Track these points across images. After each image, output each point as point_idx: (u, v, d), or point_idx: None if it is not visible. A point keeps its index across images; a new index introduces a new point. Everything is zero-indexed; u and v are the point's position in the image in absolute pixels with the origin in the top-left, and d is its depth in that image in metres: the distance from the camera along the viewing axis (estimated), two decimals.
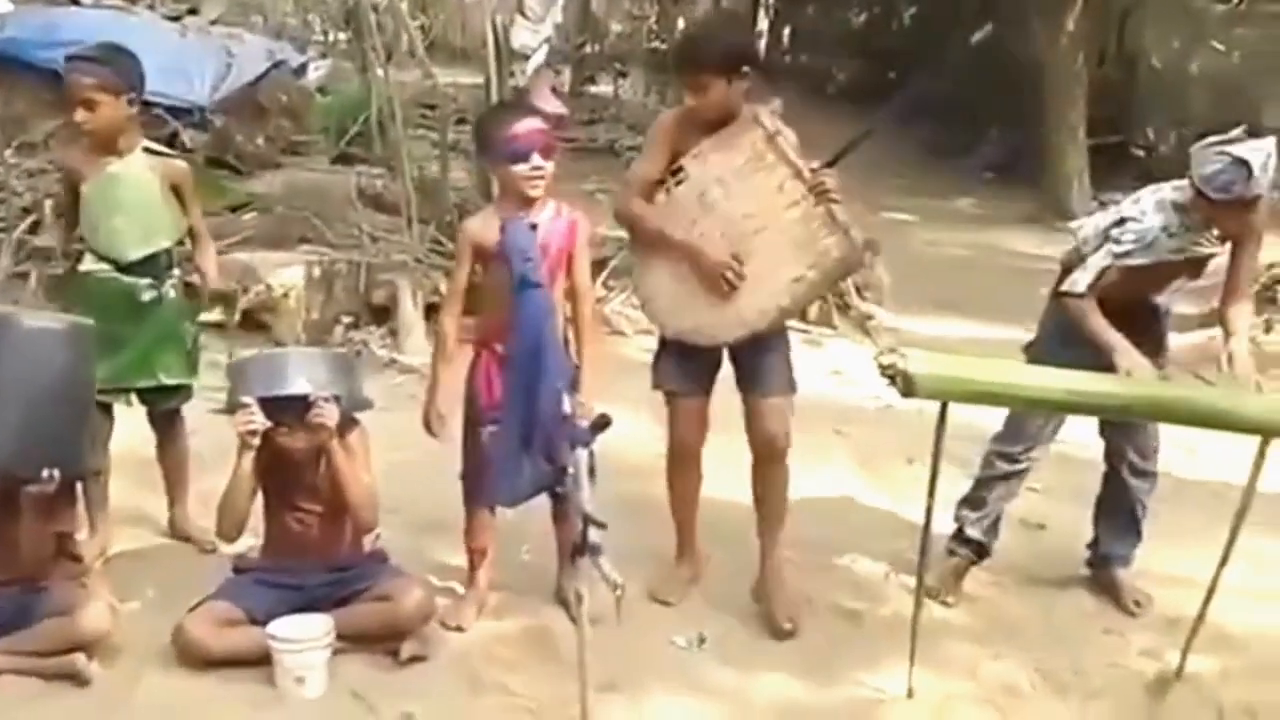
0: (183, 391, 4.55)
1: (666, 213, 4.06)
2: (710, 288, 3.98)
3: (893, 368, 3.38)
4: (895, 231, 10.39)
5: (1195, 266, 4.17)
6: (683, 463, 4.31)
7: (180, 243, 4.51)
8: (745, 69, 3.98)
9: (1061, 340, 4.11)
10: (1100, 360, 3.83)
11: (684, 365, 4.19)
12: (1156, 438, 4.37)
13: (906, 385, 3.36)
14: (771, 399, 4.15)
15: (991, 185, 12.94)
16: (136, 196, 4.35)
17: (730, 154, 4.00)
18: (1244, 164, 3.78)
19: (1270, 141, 3.84)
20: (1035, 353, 4.29)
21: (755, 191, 3.96)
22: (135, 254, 4.35)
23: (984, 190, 12.80)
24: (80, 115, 4.24)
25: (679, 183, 4.05)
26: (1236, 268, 4.12)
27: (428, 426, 4.11)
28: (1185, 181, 3.99)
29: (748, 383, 4.19)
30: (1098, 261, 4.05)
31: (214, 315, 6.68)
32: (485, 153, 4.18)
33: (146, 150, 4.41)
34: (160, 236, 4.39)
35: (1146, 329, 4.15)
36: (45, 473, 3.59)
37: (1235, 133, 3.84)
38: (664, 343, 4.25)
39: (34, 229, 7.48)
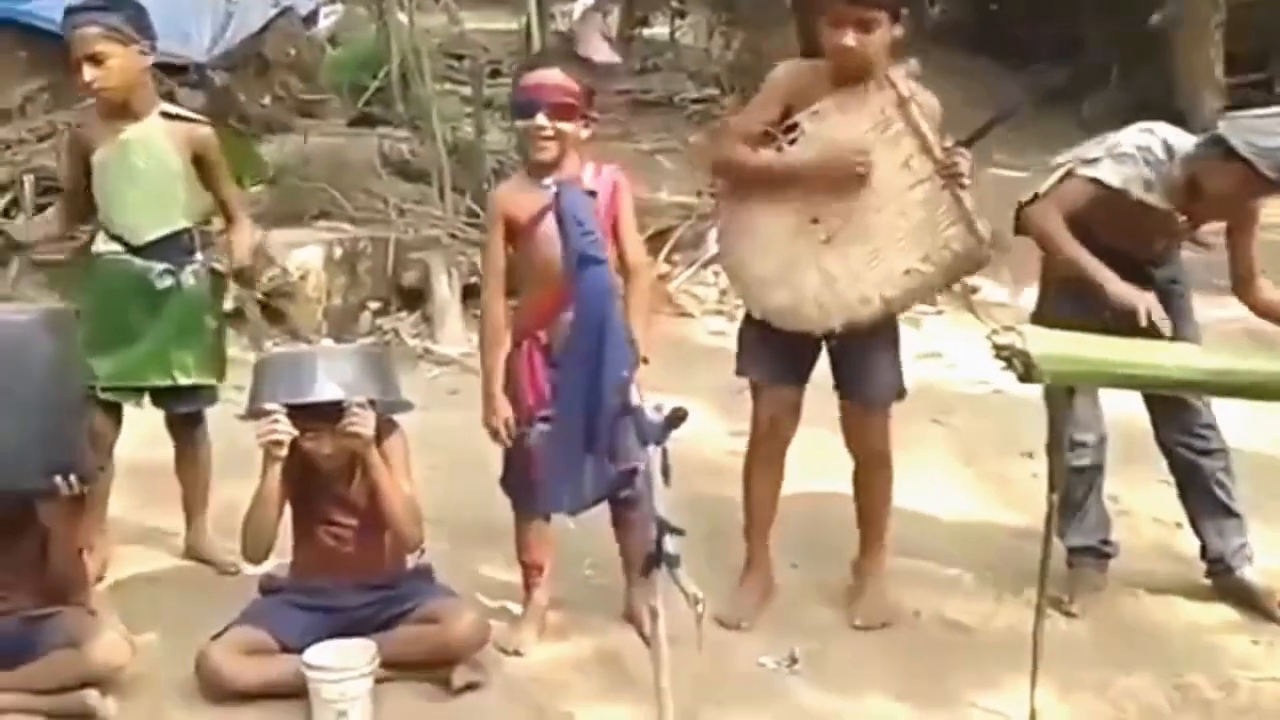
0: (204, 394, 4.61)
1: None
2: (842, 198, 4.00)
3: (1009, 349, 3.40)
4: (1004, 190, 10.34)
5: (1167, 229, 4.25)
6: (765, 461, 4.37)
7: (206, 223, 4.58)
8: (905, 12, 4.02)
9: (1069, 296, 4.18)
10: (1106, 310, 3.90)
11: (773, 349, 4.23)
12: (1208, 411, 4.42)
13: (1026, 369, 3.39)
14: (874, 413, 4.26)
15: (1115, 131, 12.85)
16: (152, 167, 4.39)
17: (855, 116, 4.03)
18: None
19: None
20: (1043, 314, 4.36)
21: (877, 164, 3.99)
22: (150, 234, 4.41)
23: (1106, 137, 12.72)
24: (89, 73, 4.26)
25: (792, 141, 4.08)
26: (1247, 248, 4.28)
27: (490, 429, 4.15)
28: (1195, 139, 4.11)
29: (847, 386, 4.27)
30: (1060, 173, 4.20)
31: (228, 304, 6.85)
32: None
33: (165, 115, 4.46)
34: (178, 215, 4.45)
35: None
36: (57, 479, 3.71)
37: None
38: (749, 322, 4.30)
39: (9, 211, 7.59)
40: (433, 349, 6.98)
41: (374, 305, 7.25)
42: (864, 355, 4.21)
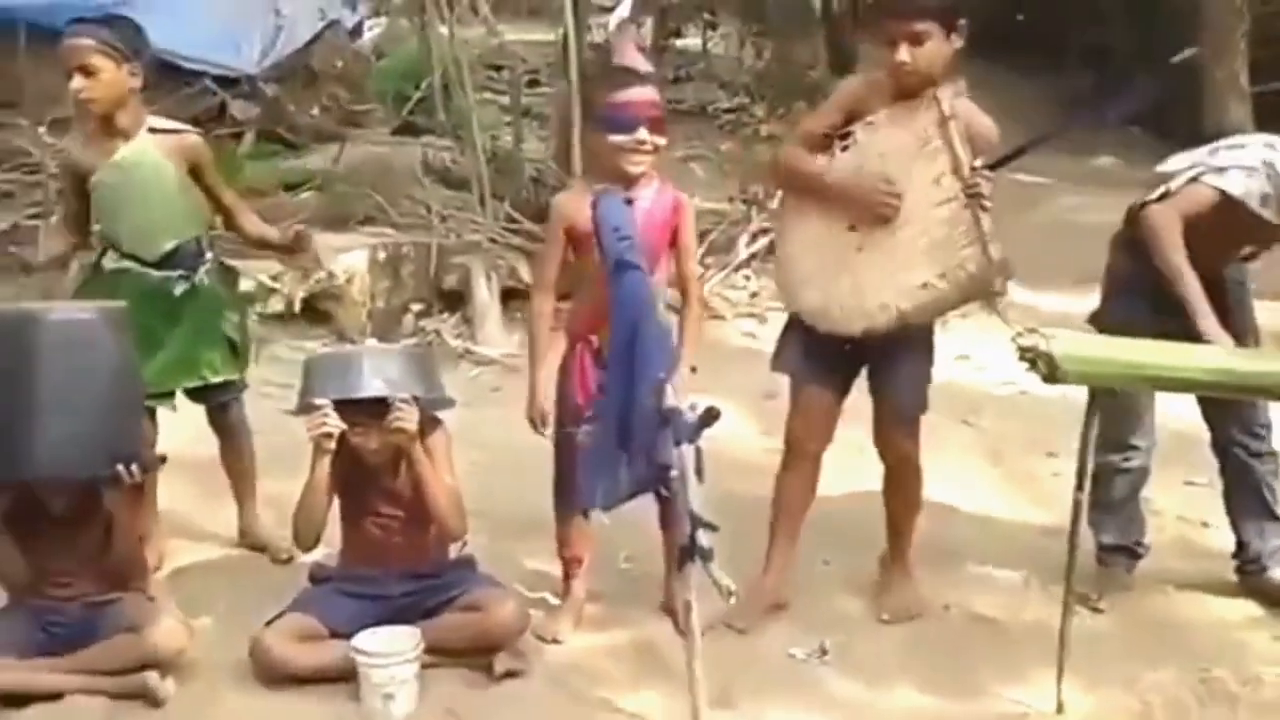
0: (234, 385, 4.70)
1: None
2: (865, 223, 4.07)
3: (1033, 350, 3.45)
4: (1029, 196, 10.38)
5: (1264, 241, 4.27)
6: (798, 463, 4.39)
7: (212, 228, 4.66)
8: (961, 24, 4.07)
9: (1129, 303, 4.21)
10: (1170, 317, 3.91)
11: (812, 350, 4.27)
12: (1266, 413, 4.43)
13: (1050, 369, 3.43)
14: (903, 419, 4.30)
15: (1139, 140, 12.82)
16: (154, 186, 4.46)
17: (902, 131, 4.08)
18: None
19: None
20: (1103, 320, 4.38)
21: (912, 179, 4.05)
22: (165, 247, 4.49)
23: (1130, 146, 12.69)
24: (77, 83, 4.30)
25: (845, 148, 4.15)
26: None
27: (533, 424, 4.23)
28: None
29: (879, 391, 4.31)
30: (1186, 174, 4.17)
31: (275, 306, 6.96)
32: (588, 118, 4.31)
33: (152, 130, 4.49)
34: (187, 225, 4.53)
35: (1217, 302, 4.14)
36: (120, 468, 3.79)
37: None
38: (791, 321, 4.36)
39: None
40: (473, 349, 7.06)
41: (417, 307, 7.32)
42: (896, 365, 4.25)
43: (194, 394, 4.65)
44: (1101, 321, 4.41)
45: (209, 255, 4.62)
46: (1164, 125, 12.50)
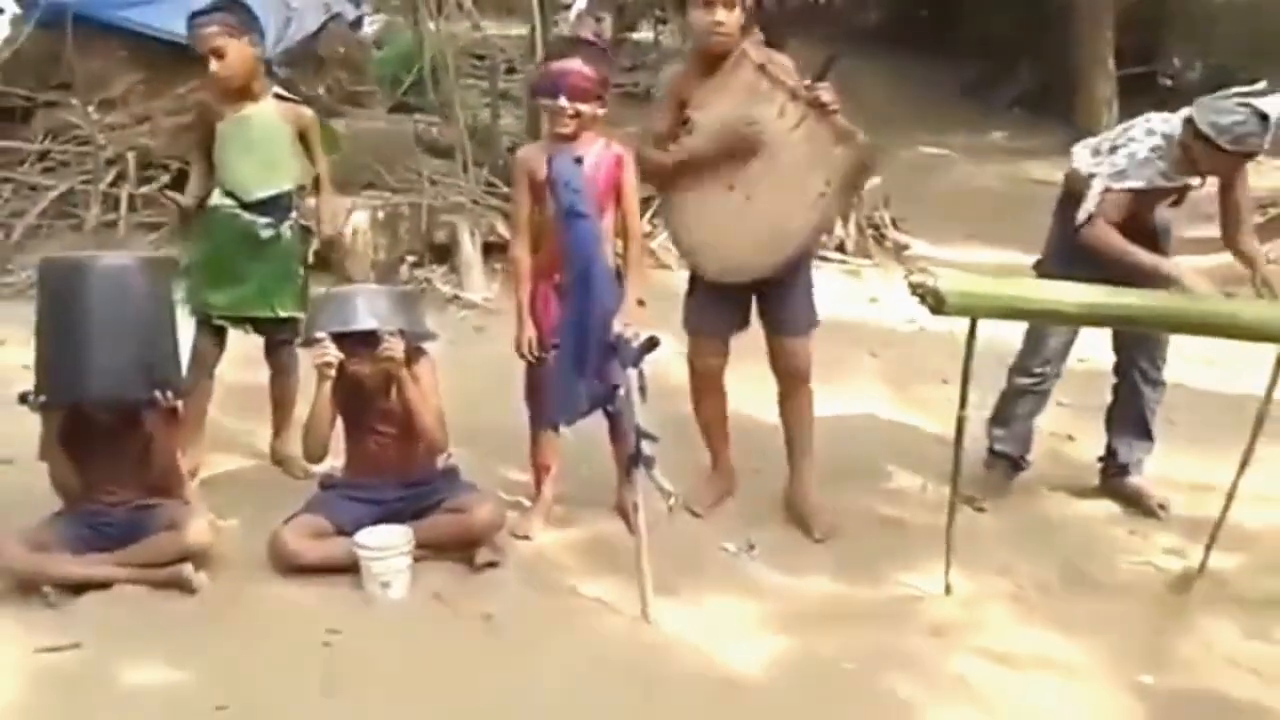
0: (295, 324, 4.65)
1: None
2: (743, 159, 4.03)
3: (922, 286, 3.44)
4: (933, 166, 10.41)
5: (1179, 194, 4.27)
6: (705, 389, 4.43)
7: (302, 189, 4.64)
8: None
9: (1065, 259, 4.21)
10: (1102, 275, 3.87)
11: (712, 307, 4.28)
12: (1166, 346, 4.46)
13: (936, 302, 3.43)
14: (793, 339, 4.28)
15: (1023, 118, 12.88)
16: (265, 139, 4.49)
17: (729, 95, 4.06)
18: (1264, 118, 3.85)
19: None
20: (1043, 270, 4.39)
21: (762, 121, 4.01)
22: (259, 193, 4.50)
23: (1016, 123, 12.76)
24: (214, 65, 4.35)
25: (689, 132, 4.13)
26: (1234, 203, 4.22)
27: (520, 351, 4.22)
28: (1176, 117, 4.08)
29: (772, 323, 4.30)
30: (1097, 187, 4.15)
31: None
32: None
33: (277, 96, 4.55)
34: (283, 179, 4.54)
35: (1160, 249, 4.21)
36: (158, 393, 3.78)
37: (1257, 86, 3.91)
38: (693, 284, 4.34)
39: (117, 181, 7.71)
40: (460, 294, 7.03)
41: (411, 259, 7.28)
42: (784, 296, 4.23)
43: (260, 326, 4.65)
44: (1042, 270, 4.41)
45: (295, 213, 4.62)
46: (1044, 106, 12.58)
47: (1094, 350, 4.69)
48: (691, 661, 3.51)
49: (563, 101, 4.02)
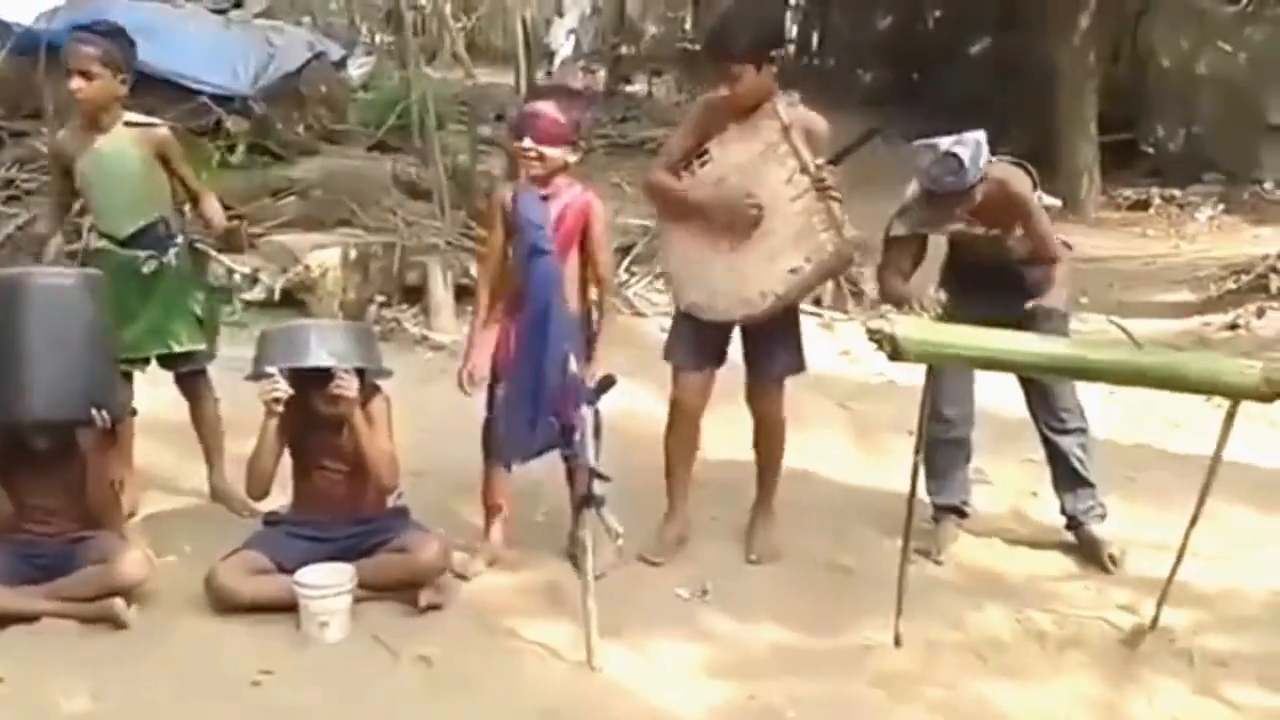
0: (199, 355, 4.59)
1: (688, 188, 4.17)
2: (735, 231, 4.05)
3: (879, 333, 3.41)
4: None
5: (973, 238, 4.26)
6: (681, 424, 4.37)
7: (180, 212, 4.55)
8: (774, 54, 4.04)
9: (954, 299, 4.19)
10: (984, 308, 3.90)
11: (694, 342, 4.28)
12: (1069, 397, 4.43)
13: (893, 348, 3.40)
14: (765, 383, 4.30)
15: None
16: (122, 170, 4.38)
17: (750, 143, 4.07)
18: (954, 157, 3.92)
19: (979, 135, 4.00)
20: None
21: (767, 181, 4.03)
22: (130, 227, 4.40)
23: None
24: (76, 83, 4.27)
25: (703, 164, 4.14)
26: (1029, 239, 4.26)
27: (460, 385, 4.18)
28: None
29: (751, 365, 4.31)
30: (884, 234, 4.28)
31: (257, 294, 6.88)
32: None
33: (127, 124, 4.42)
34: (151, 207, 4.43)
35: (1004, 282, 4.19)
36: (94, 413, 3.71)
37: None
38: (678, 319, 4.34)
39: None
40: (429, 335, 6.97)
41: (381, 299, 7.22)
42: (765, 341, 4.25)
43: (164, 362, 4.56)
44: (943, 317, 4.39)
45: (178, 239, 4.51)
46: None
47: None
48: (633, 708, 3.44)
49: (527, 143, 4.00)
